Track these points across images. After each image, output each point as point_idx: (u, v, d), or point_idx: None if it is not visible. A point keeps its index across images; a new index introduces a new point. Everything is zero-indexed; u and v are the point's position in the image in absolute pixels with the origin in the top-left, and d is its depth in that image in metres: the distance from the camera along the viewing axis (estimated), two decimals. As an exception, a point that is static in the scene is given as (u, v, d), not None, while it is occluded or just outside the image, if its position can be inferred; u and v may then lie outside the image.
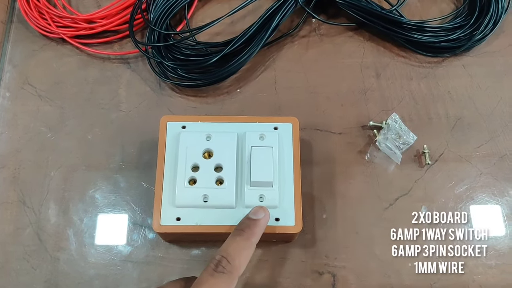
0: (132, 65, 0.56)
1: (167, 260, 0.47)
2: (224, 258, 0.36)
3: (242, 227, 0.39)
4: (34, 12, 0.57)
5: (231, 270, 0.36)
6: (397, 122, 0.50)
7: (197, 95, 0.54)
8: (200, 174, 0.44)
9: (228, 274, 0.36)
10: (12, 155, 0.52)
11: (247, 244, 0.38)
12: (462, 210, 0.48)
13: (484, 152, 0.51)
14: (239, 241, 0.38)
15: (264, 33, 0.53)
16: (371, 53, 0.56)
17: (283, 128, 0.47)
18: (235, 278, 0.36)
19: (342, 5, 0.56)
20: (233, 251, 0.37)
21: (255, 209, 0.41)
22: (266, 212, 0.41)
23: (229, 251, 0.37)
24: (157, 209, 0.43)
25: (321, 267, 0.47)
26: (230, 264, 0.36)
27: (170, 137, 0.46)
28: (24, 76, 0.56)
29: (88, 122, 0.53)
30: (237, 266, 0.36)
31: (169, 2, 0.56)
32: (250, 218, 0.40)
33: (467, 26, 0.55)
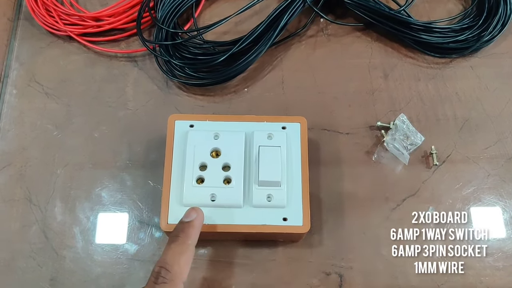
0: (140, 64, 0.56)
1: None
2: (162, 268, 0.36)
3: (176, 232, 0.39)
4: (42, 9, 0.57)
5: (172, 278, 0.36)
6: (404, 122, 0.50)
7: (205, 94, 0.54)
8: (208, 173, 0.44)
9: (170, 283, 0.36)
10: (18, 152, 0.52)
11: (184, 248, 0.38)
12: (469, 211, 0.48)
13: (492, 153, 0.51)
14: (175, 247, 0.38)
15: (272, 32, 0.53)
16: (379, 54, 0.56)
17: (291, 127, 0.46)
18: (178, 284, 0.36)
19: (350, 5, 0.56)
20: (170, 258, 0.37)
21: (187, 211, 0.41)
22: (199, 212, 0.41)
23: (167, 259, 0.37)
24: (164, 207, 0.43)
25: (328, 267, 0.46)
26: (170, 273, 0.36)
27: (178, 135, 0.46)
28: (31, 73, 0.56)
29: (95, 120, 0.53)
30: (177, 272, 0.36)
31: (177, 0, 0.56)
32: (183, 222, 0.40)
33: (475, 27, 0.55)
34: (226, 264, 0.46)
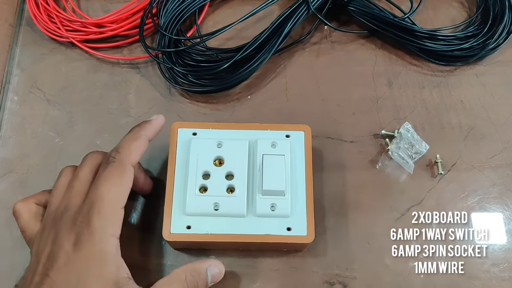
0: (142, 70, 0.56)
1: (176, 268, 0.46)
2: (113, 151, 0.40)
3: (133, 127, 0.43)
4: (44, 15, 0.57)
5: (120, 158, 0.39)
6: (409, 131, 0.50)
7: (208, 101, 0.54)
8: (211, 181, 0.44)
9: (118, 162, 0.39)
10: (19, 159, 0.51)
11: (136, 136, 0.41)
12: (474, 221, 0.48)
13: (498, 162, 0.50)
14: (128, 136, 0.42)
15: (276, 39, 0.53)
16: (383, 61, 0.56)
17: (295, 136, 0.46)
18: (126, 165, 0.39)
19: (354, 12, 0.55)
20: (122, 143, 0.41)
21: None
22: (160, 115, 0.44)
23: (119, 144, 0.41)
24: (167, 217, 0.43)
25: (332, 277, 0.46)
26: (119, 153, 0.40)
27: (180, 143, 0.46)
28: (33, 80, 0.55)
29: (97, 127, 0.53)
30: (126, 154, 0.40)
31: (180, 7, 0.55)
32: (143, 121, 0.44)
33: (480, 35, 0.54)
34: (229, 274, 0.46)
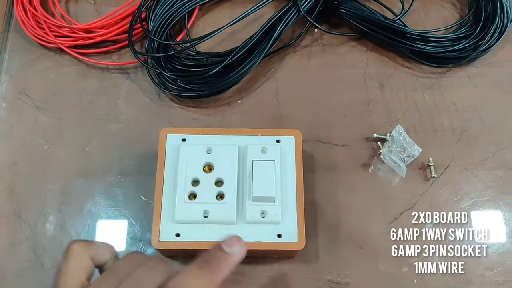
0: (131, 76, 0.55)
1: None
2: None
3: (209, 257, 0.30)
4: (32, 21, 0.56)
5: None
6: (401, 134, 0.49)
7: (198, 106, 0.53)
8: (201, 188, 0.43)
9: None
10: (8, 167, 0.51)
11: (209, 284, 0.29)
12: (468, 224, 0.47)
13: (491, 165, 0.50)
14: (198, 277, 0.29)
15: (266, 43, 0.52)
16: (374, 64, 0.55)
17: (285, 141, 0.46)
18: None
19: (345, 14, 0.55)
20: None
21: (230, 240, 0.31)
22: (243, 248, 0.31)
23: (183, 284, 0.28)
24: (156, 224, 0.42)
25: (324, 283, 0.45)
26: None
27: (170, 149, 0.45)
28: (21, 86, 0.55)
29: (86, 134, 0.52)
30: None
31: (169, 11, 0.55)
32: (223, 250, 0.30)
33: (472, 36, 0.54)
34: (220, 281, 0.45)
